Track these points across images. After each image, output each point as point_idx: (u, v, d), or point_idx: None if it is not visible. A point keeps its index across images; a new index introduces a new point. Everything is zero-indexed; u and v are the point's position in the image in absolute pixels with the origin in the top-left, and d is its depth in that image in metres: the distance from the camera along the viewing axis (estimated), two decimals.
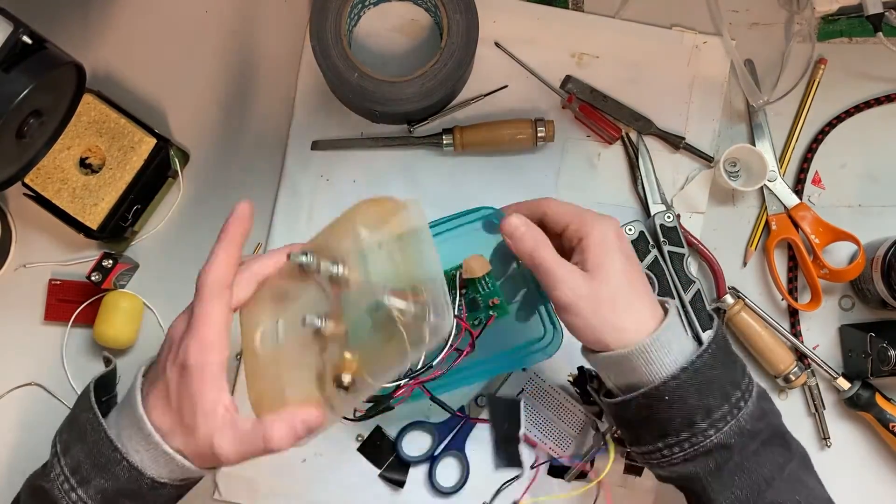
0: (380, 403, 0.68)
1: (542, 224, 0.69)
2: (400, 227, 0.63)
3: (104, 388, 0.69)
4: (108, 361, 0.78)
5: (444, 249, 0.66)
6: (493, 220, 0.74)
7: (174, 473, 0.63)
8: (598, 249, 0.66)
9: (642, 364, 0.64)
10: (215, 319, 0.63)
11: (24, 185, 0.84)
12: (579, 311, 0.65)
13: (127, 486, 0.62)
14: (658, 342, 0.64)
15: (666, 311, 0.67)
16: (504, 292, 0.73)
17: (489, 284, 0.73)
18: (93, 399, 0.65)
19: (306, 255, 0.62)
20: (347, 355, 0.59)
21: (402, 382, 0.66)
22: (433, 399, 0.74)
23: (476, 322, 0.73)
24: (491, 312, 0.73)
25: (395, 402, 0.68)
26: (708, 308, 0.85)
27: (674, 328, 0.66)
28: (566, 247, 0.69)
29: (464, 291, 0.72)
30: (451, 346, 0.67)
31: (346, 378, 0.59)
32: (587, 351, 0.68)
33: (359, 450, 0.86)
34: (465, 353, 0.69)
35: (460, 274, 0.71)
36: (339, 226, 0.65)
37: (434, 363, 0.66)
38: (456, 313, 0.69)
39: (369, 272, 0.61)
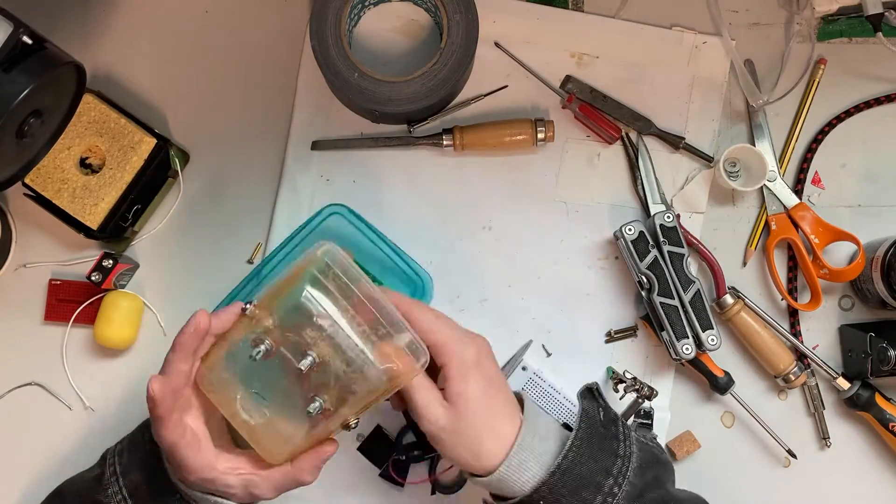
0: None
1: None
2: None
3: None
4: None
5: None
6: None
7: None
8: (457, 378, 0.68)
9: (510, 480, 0.67)
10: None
11: (24, 185, 0.84)
12: (441, 441, 0.67)
13: None
14: (517, 460, 0.66)
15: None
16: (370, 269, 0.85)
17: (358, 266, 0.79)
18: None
19: (263, 342, 0.66)
20: (345, 408, 0.66)
21: None
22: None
23: None
24: None
25: None
26: (707, 308, 0.85)
27: (531, 435, 0.68)
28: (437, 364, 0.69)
29: None
30: None
31: (353, 421, 0.66)
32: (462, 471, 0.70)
33: (359, 449, 0.86)
34: None
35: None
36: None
37: None
38: None
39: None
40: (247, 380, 0.66)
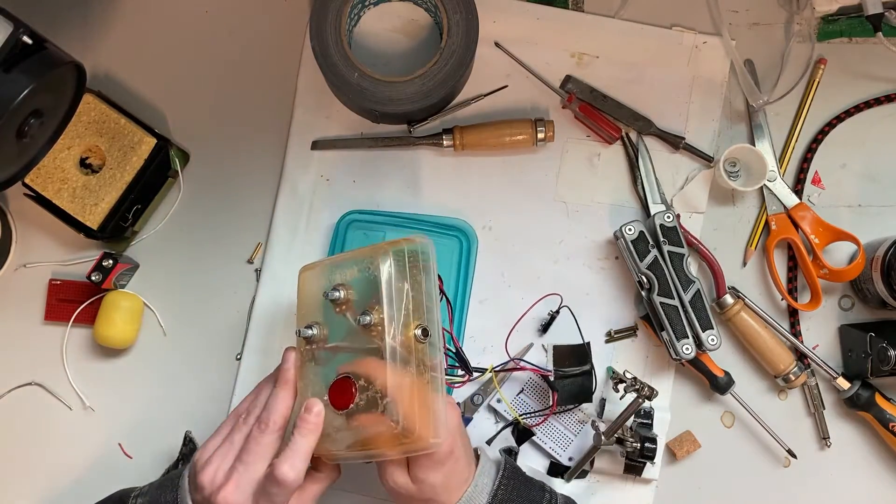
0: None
1: None
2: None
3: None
4: (189, 442, 0.83)
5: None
6: None
7: None
8: (425, 467, 0.70)
9: None
10: None
11: (25, 185, 0.84)
12: (396, 496, 0.71)
13: None
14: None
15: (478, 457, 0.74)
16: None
17: None
18: (189, 499, 0.69)
19: (311, 327, 0.71)
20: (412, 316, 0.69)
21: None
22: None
23: None
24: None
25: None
26: (707, 308, 0.85)
27: (480, 478, 0.72)
28: None
29: None
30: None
31: (420, 328, 0.68)
32: None
33: None
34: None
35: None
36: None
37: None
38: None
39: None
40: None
